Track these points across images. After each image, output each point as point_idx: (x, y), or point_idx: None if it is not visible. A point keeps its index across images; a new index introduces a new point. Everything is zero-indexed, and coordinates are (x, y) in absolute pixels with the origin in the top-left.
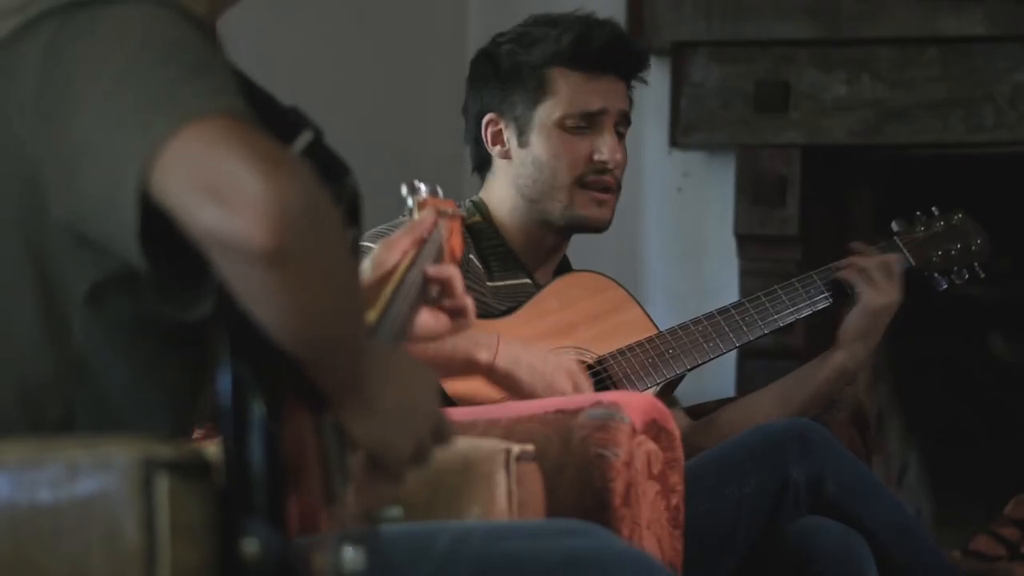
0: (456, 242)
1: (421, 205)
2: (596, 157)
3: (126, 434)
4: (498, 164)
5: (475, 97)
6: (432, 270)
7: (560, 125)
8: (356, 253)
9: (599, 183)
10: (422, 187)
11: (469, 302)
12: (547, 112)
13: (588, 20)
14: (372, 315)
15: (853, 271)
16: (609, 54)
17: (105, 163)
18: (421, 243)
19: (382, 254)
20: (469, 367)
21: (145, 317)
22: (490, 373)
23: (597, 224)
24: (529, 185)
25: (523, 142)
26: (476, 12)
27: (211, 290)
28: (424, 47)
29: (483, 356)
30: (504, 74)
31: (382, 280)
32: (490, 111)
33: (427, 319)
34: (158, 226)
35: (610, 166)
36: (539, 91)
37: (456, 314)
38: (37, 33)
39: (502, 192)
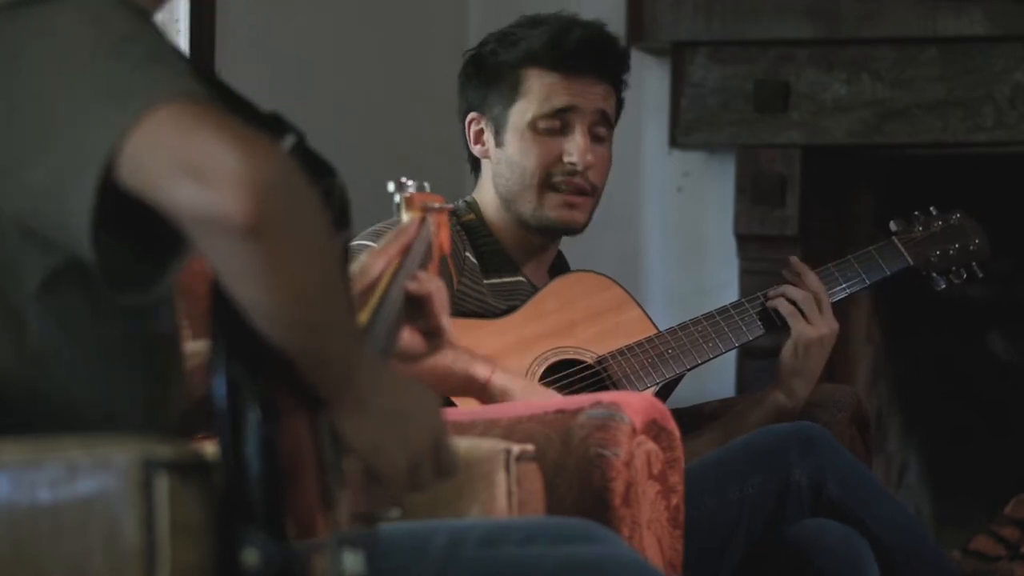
0: (444, 236)
1: (408, 201)
2: (565, 159)
3: (95, 426)
4: (484, 163)
5: (462, 97)
6: (412, 286)
7: (532, 126)
8: (347, 255)
9: (569, 185)
10: (409, 183)
11: (446, 322)
12: (520, 112)
13: (568, 20)
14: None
15: (783, 302)
16: (584, 54)
17: (62, 154)
18: (405, 252)
19: (368, 261)
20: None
21: (101, 307)
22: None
23: (567, 227)
24: (503, 184)
25: (499, 141)
26: (476, 12)
27: (161, 277)
28: (424, 47)
29: (480, 372)
30: (485, 73)
31: (367, 291)
32: (473, 110)
33: (405, 337)
34: (108, 214)
35: (579, 167)
36: (514, 91)
37: (431, 335)
38: None
39: (489, 191)
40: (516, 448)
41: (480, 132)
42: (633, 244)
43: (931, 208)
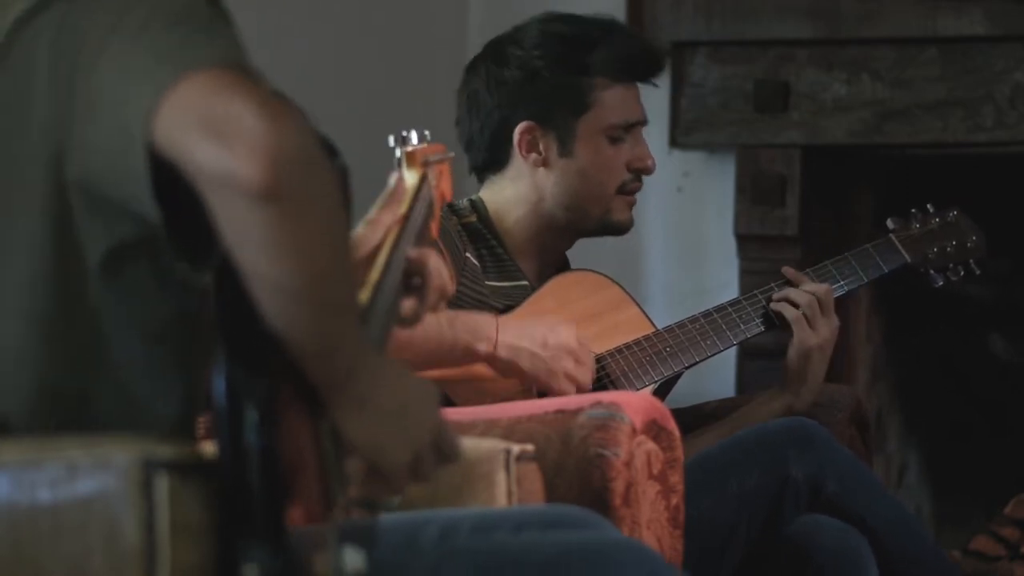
0: (446, 185)
1: (410, 156)
2: (638, 165)
3: (142, 412)
4: (519, 170)
5: (500, 102)
6: (413, 253)
7: (606, 136)
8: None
9: (634, 188)
10: (412, 136)
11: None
12: (591, 123)
13: (620, 27)
14: (362, 297)
15: (787, 307)
16: (651, 67)
17: (115, 116)
18: (404, 220)
19: (365, 233)
20: (469, 358)
21: (159, 287)
22: (491, 362)
23: (627, 227)
24: (569, 192)
25: (565, 151)
26: (476, 12)
27: (212, 256)
28: (424, 47)
29: (482, 348)
30: (541, 83)
31: (367, 262)
32: (525, 119)
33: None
34: (170, 181)
35: (651, 174)
36: (582, 102)
37: (424, 300)
38: (51, 11)
39: (516, 195)
40: (516, 448)
41: (534, 141)
42: (633, 244)
43: (928, 206)
